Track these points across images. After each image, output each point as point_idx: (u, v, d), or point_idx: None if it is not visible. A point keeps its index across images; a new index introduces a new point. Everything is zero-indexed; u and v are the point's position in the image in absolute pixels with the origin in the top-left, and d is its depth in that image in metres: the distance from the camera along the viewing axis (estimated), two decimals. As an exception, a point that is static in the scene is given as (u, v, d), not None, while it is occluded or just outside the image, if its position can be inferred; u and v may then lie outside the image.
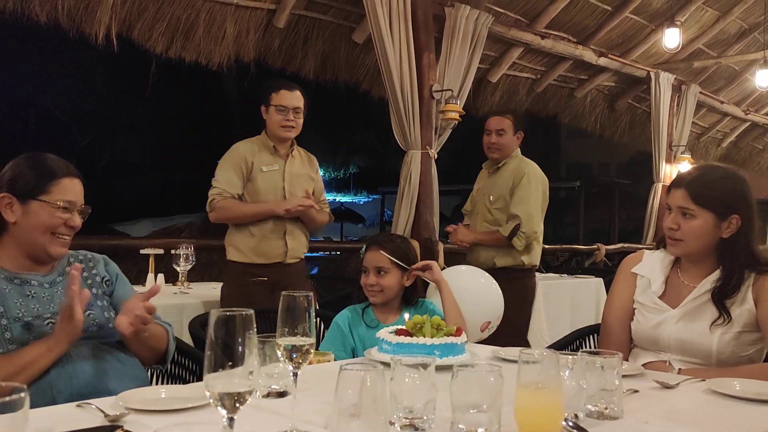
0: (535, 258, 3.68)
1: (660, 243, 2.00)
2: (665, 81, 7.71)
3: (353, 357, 2.02)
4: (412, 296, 2.17)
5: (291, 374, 1.18)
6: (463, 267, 3.37)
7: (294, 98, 3.10)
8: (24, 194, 1.62)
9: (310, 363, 1.23)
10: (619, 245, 8.18)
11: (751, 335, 1.81)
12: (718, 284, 1.83)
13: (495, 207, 3.62)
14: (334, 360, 1.88)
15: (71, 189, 1.68)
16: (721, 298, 1.81)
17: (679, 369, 1.80)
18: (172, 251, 3.29)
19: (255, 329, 0.96)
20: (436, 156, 4.94)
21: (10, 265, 1.64)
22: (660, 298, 1.91)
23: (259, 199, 3.04)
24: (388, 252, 2.12)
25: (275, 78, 3.46)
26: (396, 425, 1.07)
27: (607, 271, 5.80)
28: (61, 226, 1.65)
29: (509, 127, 3.63)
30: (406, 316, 1.85)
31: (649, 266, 1.98)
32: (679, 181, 1.89)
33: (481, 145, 3.76)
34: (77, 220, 1.69)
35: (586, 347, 2.16)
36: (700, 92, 8.49)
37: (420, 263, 2.19)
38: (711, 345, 1.80)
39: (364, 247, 2.21)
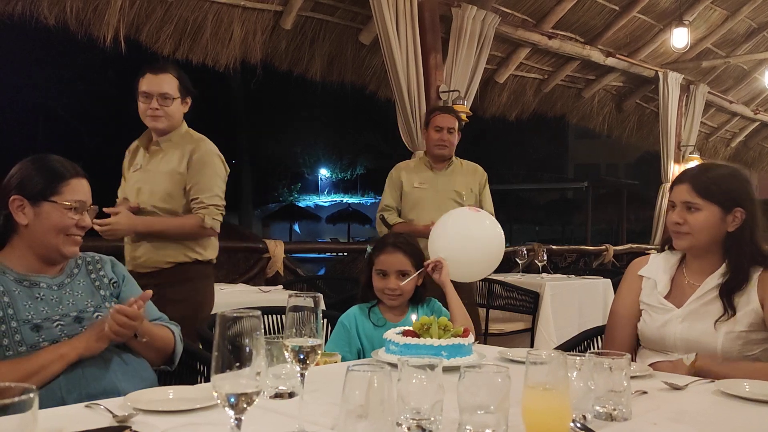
0: None
1: (664, 244, 2.01)
2: (673, 81, 7.68)
3: (359, 358, 2.02)
4: (422, 295, 2.15)
5: (298, 375, 1.18)
6: (465, 209, 3.24)
7: (158, 82, 2.62)
8: (35, 196, 1.63)
9: (316, 364, 1.22)
10: (627, 246, 8.16)
11: (758, 335, 1.80)
12: (724, 279, 1.83)
13: (468, 203, 3.61)
14: (341, 361, 1.88)
15: (80, 189, 1.69)
16: (728, 292, 1.81)
17: (696, 355, 1.77)
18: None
19: (262, 330, 0.96)
20: (443, 157, 4.93)
21: (20, 267, 1.65)
22: (665, 297, 1.91)
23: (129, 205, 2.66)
24: (410, 256, 2.09)
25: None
26: (403, 426, 1.07)
27: (615, 272, 5.77)
28: (72, 226, 1.66)
29: (456, 127, 3.63)
30: (413, 317, 1.85)
31: (655, 267, 1.98)
32: (682, 177, 1.91)
33: (488, 146, 3.77)
34: (88, 220, 1.70)
35: (594, 348, 2.15)
36: (709, 92, 8.46)
37: (432, 260, 2.17)
38: (716, 344, 1.80)
39: (372, 248, 2.15)
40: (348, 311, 2.11)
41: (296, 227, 26.47)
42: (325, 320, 2.31)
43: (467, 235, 2.65)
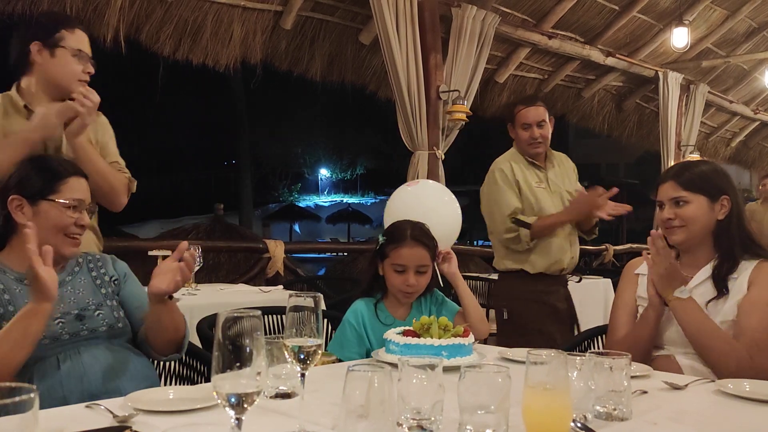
0: None
1: None
2: (673, 80, 7.68)
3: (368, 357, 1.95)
4: (430, 287, 2.07)
5: (299, 375, 1.18)
6: (431, 182, 3.24)
7: (87, 42, 2.27)
8: (33, 195, 1.64)
9: (315, 365, 1.22)
10: (627, 246, 8.17)
11: None
12: (716, 263, 1.86)
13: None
14: (350, 361, 1.86)
15: (79, 187, 1.69)
16: (721, 275, 1.83)
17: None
18: (180, 252, 3.29)
19: (263, 330, 0.96)
20: (443, 157, 4.93)
21: (20, 267, 1.65)
22: None
23: None
24: (429, 249, 1.99)
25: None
26: (404, 426, 1.07)
27: (615, 271, 5.77)
28: (72, 225, 1.66)
29: (547, 117, 3.11)
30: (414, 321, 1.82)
31: None
32: (664, 176, 1.96)
33: (488, 146, 3.70)
34: (87, 219, 1.70)
35: (594, 348, 2.15)
36: (709, 92, 8.45)
37: (441, 252, 2.07)
38: None
39: (386, 239, 2.02)
40: (354, 308, 2.02)
41: (296, 227, 26.47)
42: (326, 320, 2.31)
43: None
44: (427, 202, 3.25)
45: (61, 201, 1.64)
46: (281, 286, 3.98)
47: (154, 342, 1.71)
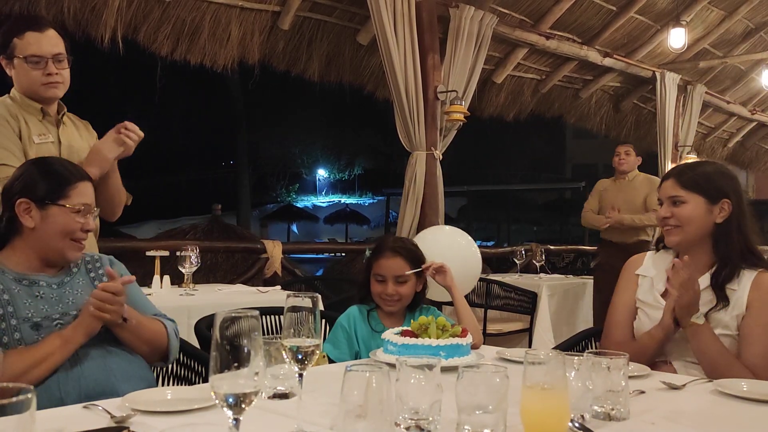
0: None
1: (659, 243, 2.02)
2: (671, 81, 7.69)
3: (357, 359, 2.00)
4: (420, 300, 2.12)
5: (296, 375, 1.18)
6: (447, 228, 3.31)
7: (49, 41, 2.20)
8: (42, 199, 1.63)
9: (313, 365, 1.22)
10: (625, 246, 8.14)
11: None
12: (714, 270, 1.84)
13: None
14: (341, 360, 1.88)
15: (87, 192, 1.70)
16: (720, 284, 1.81)
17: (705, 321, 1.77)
18: (178, 253, 3.30)
19: (260, 330, 0.96)
20: (441, 157, 4.94)
21: (20, 267, 1.65)
22: (662, 295, 1.91)
23: None
24: (409, 261, 2.04)
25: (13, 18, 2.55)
26: (401, 426, 1.07)
27: (612, 271, 5.76)
28: (78, 230, 1.66)
29: None
30: None
31: (651, 266, 1.99)
32: (667, 174, 1.95)
33: (486, 146, 3.74)
34: (92, 224, 1.71)
35: (591, 348, 2.15)
36: (706, 92, 8.46)
37: (434, 265, 2.11)
38: None
39: (371, 252, 2.12)
40: (347, 312, 2.08)
41: (294, 228, 26.45)
42: (323, 321, 2.31)
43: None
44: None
45: (71, 206, 1.64)
46: (279, 287, 3.97)
47: (135, 350, 1.71)
